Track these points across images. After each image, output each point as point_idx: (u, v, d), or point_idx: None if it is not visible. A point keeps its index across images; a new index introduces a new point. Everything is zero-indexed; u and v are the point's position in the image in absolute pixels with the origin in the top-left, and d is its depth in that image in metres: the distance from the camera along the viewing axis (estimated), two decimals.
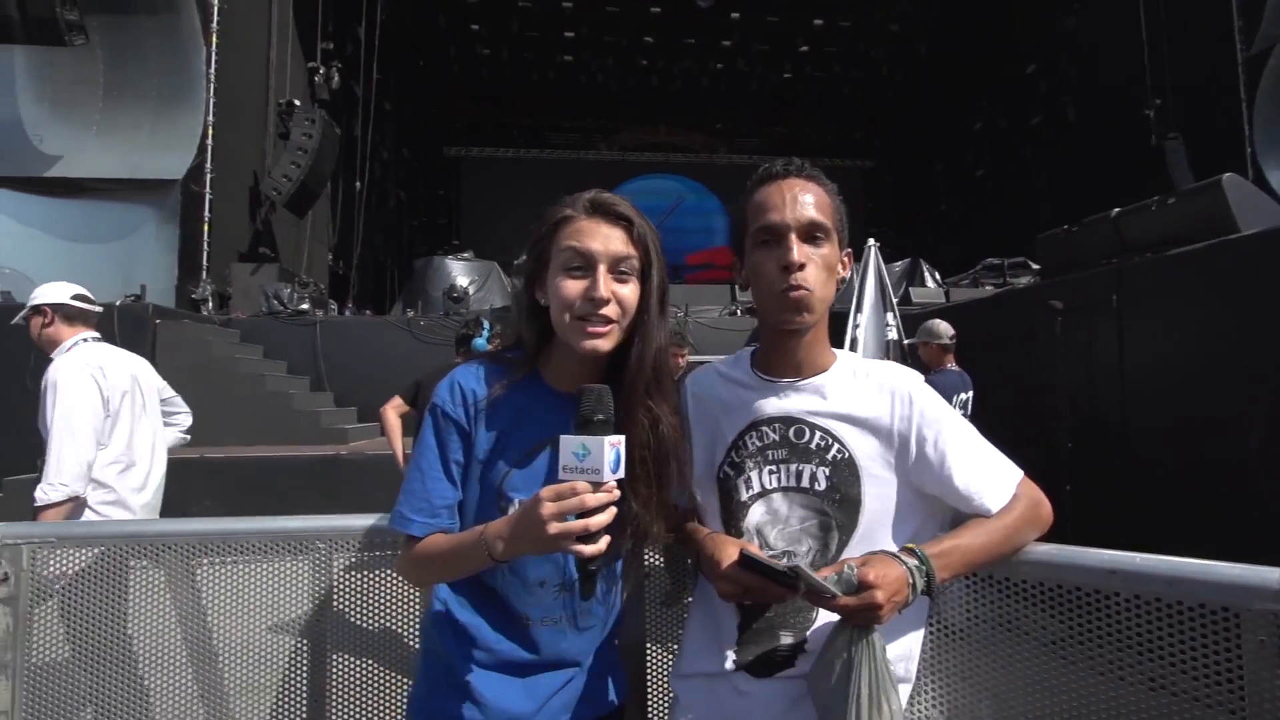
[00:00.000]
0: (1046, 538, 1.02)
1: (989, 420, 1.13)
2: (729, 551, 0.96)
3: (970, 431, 1.03)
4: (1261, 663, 0.80)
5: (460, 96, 18.99)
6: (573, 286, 0.98)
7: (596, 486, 0.84)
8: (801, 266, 0.98)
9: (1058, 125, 12.76)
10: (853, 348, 5.05)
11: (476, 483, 1.04)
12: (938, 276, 11.00)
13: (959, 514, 1.01)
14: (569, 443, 0.86)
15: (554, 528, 0.84)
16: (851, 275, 0.97)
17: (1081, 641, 0.97)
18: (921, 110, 18.10)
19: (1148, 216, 3.95)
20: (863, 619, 0.87)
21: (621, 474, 0.87)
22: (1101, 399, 3.55)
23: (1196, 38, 9.85)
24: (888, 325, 5.27)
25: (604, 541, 0.86)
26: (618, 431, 0.90)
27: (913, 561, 0.89)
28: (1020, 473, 1.02)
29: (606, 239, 0.99)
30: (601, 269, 0.98)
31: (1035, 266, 9.21)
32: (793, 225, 0.99)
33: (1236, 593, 0.83)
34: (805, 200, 1.01)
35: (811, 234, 1.00)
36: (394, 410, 3.85)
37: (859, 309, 5.26)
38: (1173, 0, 9.99)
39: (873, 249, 5.45)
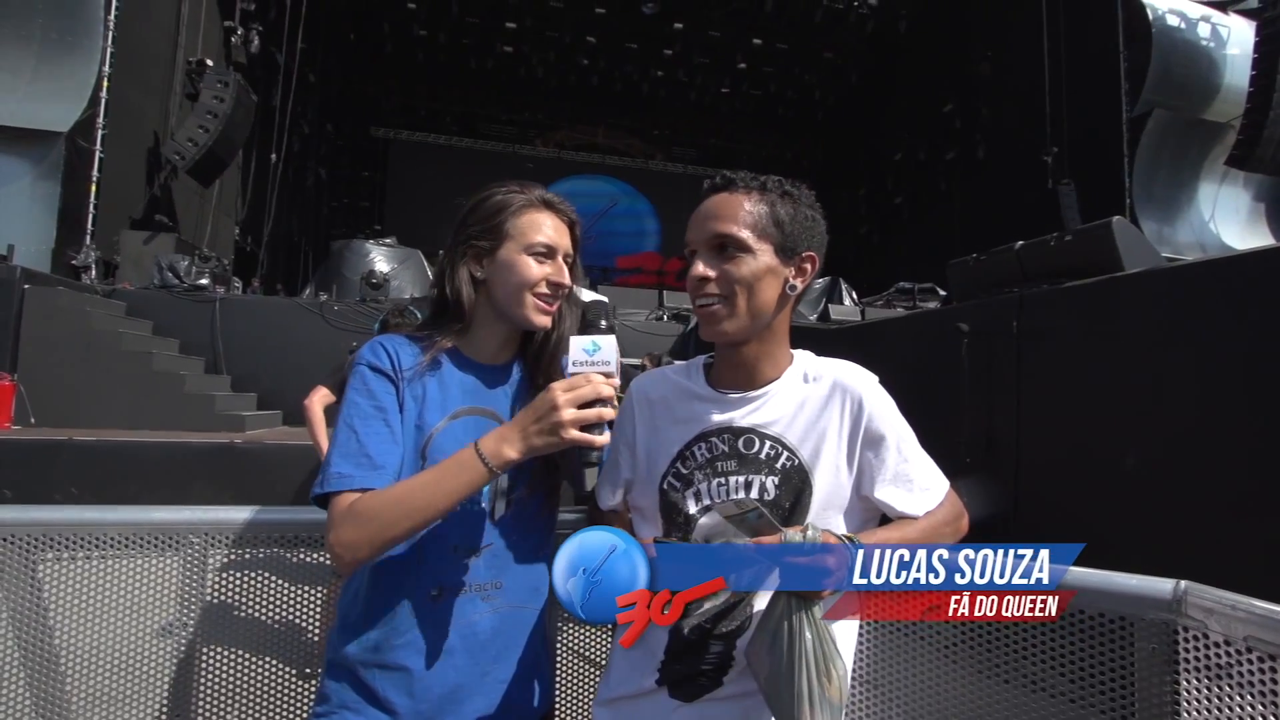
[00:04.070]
0: None
1: None
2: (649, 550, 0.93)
3: (910, 440, 1.03)
4: (1152, 669, 0.83)
5: (392, 76, 18.16)
6: (538, 269, 1.07)
7: (607, 379, 0.90)
8: (705, 280, 0.99)
9: (970, 162, 13.65)
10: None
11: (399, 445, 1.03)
12: (854, 295, 11.51)
13: (885, 518, 1.02)
14: (579, 341, 0.93)
15: (569, 414, 0.88)
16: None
17: (985, 648, 0.99)
18: (849, 136, 18.91)
19: (1046, 250, 4.26)
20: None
21: (618, 380, 0.94)
22: (998, 417, 3.79)
23: (1090, 96, 10.82)
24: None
25: (608, 434, 0.91)
26: (535, 394, 1.02)
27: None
28: (947, 484, 1.03)
29: (562, 234, 1.10)
30: (560, 259, 1.09)
31: (942, 293, 9.79)
32: (698, 243, 1.01)
33: (1133, 602, 0.87)
34: (712, 215, 1.00)
35: (719, 247, 0.99)
36: (320, 402, 3.57)
37: None
38: (1071, 60, 10.93)
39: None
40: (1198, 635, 0.81)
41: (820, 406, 1.02)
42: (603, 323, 0.96)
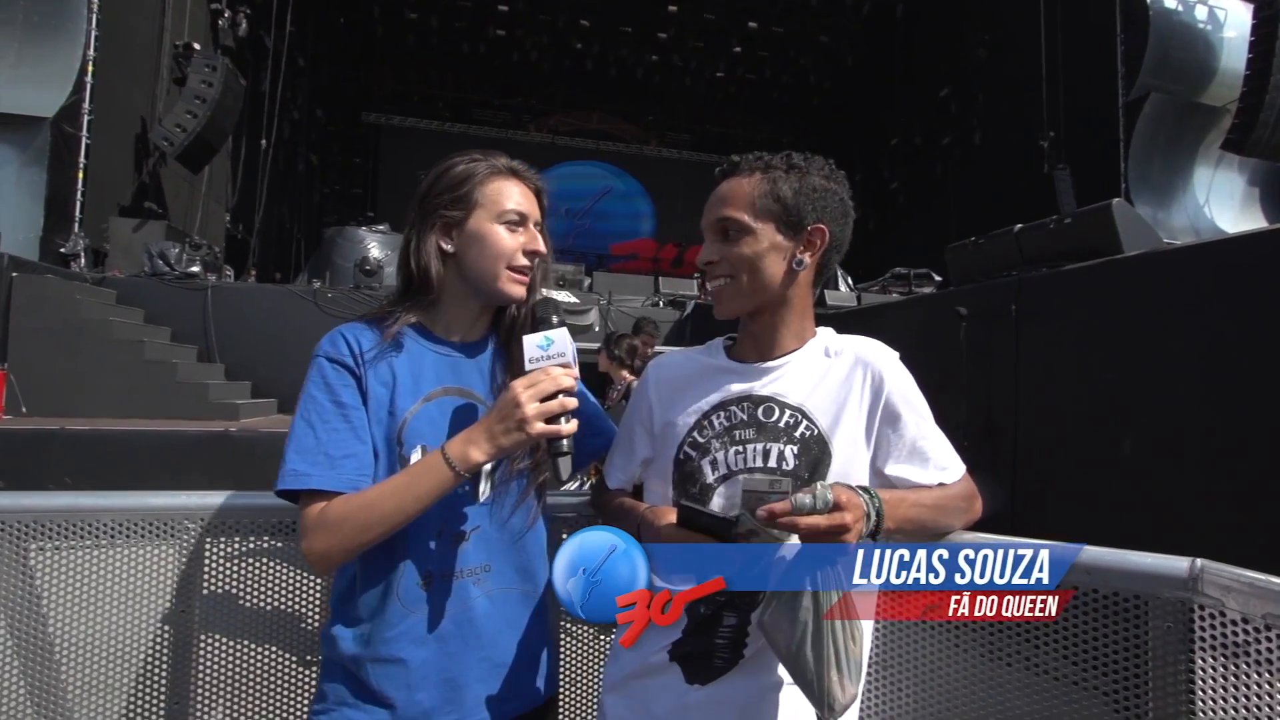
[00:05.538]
0: None
1: None
2: (670, 516, 0.92)
3: (929, 418, 1.03)
4: (1167, 648, 0.83)
5: (383, 61, 17.93)
6: (513, 240, 1.04)
7: (565, 370, 0.93)
8: (710, 264, 1.04)
9: (966, 147, 13.59)
10: None
11: (371, 434, 1.00)
12: (850, 281, 11.49)
13: None
14: (532, 339, 0.94)
15: (533, 408, 0.89)
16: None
17: (994, 628, 0.98)
18: (845, 120, 18.79)
19: (1045, 234, 4.25)
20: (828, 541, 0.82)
21: (576, 370, 0.96)
22: (997, 400, 3.79)
23: (1086, 80, 10.76)
24: None
25: (574, 422, 0.93)
26: (513, 368, 1.04)
27: (866, 496, 0.88)
28: (964, 467, 1.03)
29: (531, 200, 1.08)
30: (531, 226, 1.07)
31: (938, 278, 9.78)
32: (705, 229, 1.06)
33: (1149, 581, 0.86)
34: (717, 201, 1.04)
35: (723, 231, 1.03)
36: None
37: None
38: (1068, 45, 10.86)
39: None
40: (1214, 613, 0.80)
41: (842, 380, 1.02)
42: (554, 319, 0.98)
